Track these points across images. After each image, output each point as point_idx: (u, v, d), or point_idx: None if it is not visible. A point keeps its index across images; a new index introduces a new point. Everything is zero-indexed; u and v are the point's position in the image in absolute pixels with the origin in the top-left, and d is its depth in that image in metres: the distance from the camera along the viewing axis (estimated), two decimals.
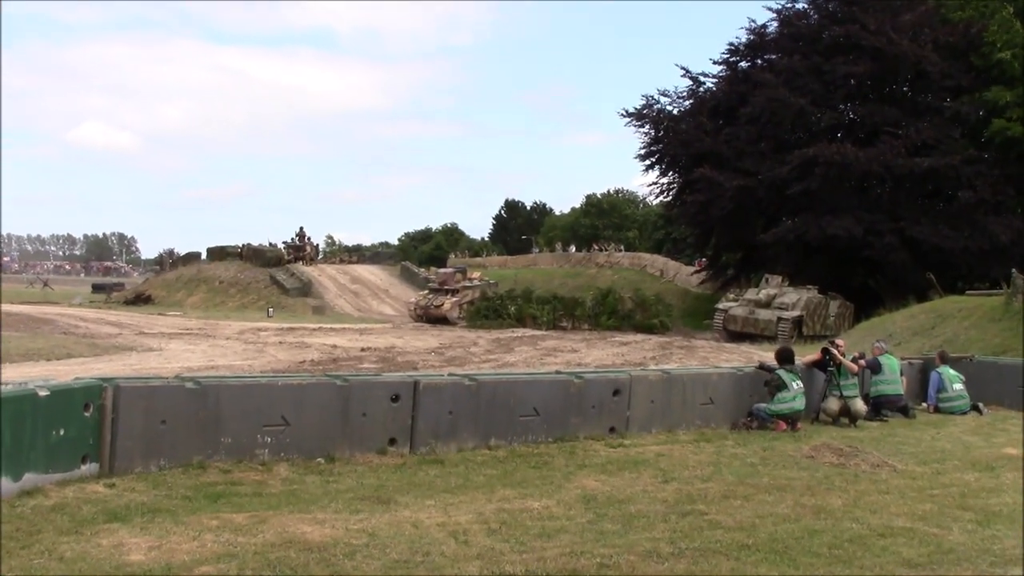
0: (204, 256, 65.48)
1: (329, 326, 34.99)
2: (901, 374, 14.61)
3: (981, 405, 14.94)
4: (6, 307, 38.66)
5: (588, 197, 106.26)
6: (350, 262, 66.78)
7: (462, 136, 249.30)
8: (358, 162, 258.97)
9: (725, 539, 6.49)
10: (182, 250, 70.80)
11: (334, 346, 24.93)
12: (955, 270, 37.98)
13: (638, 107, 47.45)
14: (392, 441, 9.28)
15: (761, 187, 39.79)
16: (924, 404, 15.23)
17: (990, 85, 34.46)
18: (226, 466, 8.18)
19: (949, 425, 13.45)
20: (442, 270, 48.67)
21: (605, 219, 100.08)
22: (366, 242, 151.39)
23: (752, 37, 45.18)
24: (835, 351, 13.47)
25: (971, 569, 6.11)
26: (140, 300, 53.61)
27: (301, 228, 63.17)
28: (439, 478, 8.37)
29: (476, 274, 46.65)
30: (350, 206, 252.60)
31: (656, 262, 61.85)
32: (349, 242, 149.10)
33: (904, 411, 14.27)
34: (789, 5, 44.19)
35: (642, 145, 47.89)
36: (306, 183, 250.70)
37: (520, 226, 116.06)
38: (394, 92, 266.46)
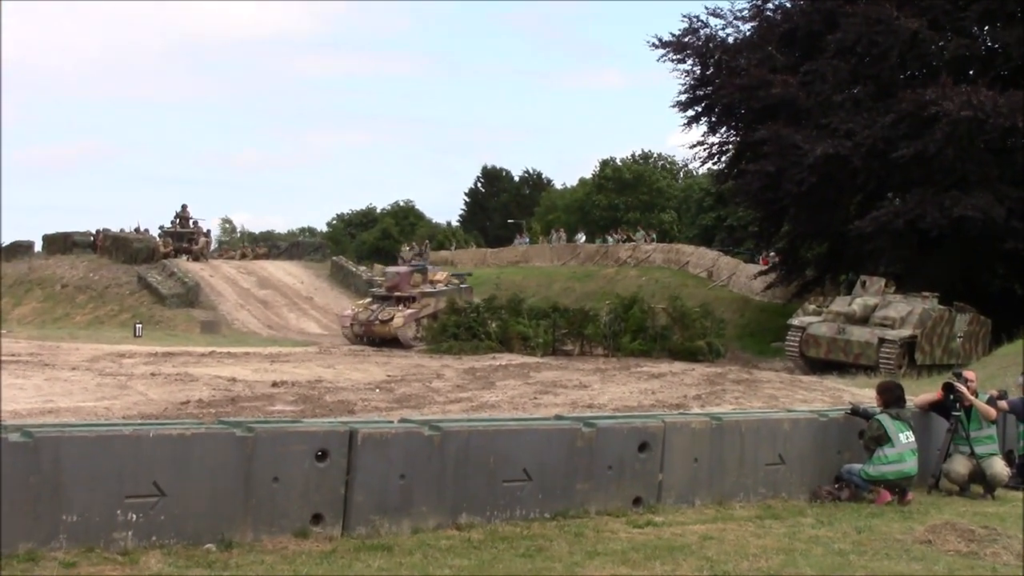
0: (39, 247, 65.28)
1: (226, 350, 34.83)
2: None
3: None
4: None
5: (603, 164, 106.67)
6: (257, 257, 66.63)
7: (420, 75, 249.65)
8: (269, 112, 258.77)
9: None
10: (4, 239, 70.48)
11: (232, 379, 24.79)
12: None
13: (677, 33, 47.65)
14: (317, 518, 9.21)
15: (856, 151, 39.84)
16: None
17: None
18: (70, 557, 8.08)
19: None
20: (392, 269, 48.55)
21: (628, 195, 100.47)
22: (280, 228, 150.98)
23: None
24: (963, 388, 13.47)
25: None
26: None
27: (184, 207, 62.99)
28: (386, 572, 8.31)
29: (442, 275, 46.63)
30: (257, 176, 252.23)
31: (702, 258, 62.06)
32: (256, 228, 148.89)
33: None
34: None
35: (682, 89, 48.08)
36: (192, 142, 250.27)
37: (504, 206, 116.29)
38: (321, 12, 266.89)
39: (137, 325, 44.56)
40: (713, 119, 48.54)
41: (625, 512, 10.70)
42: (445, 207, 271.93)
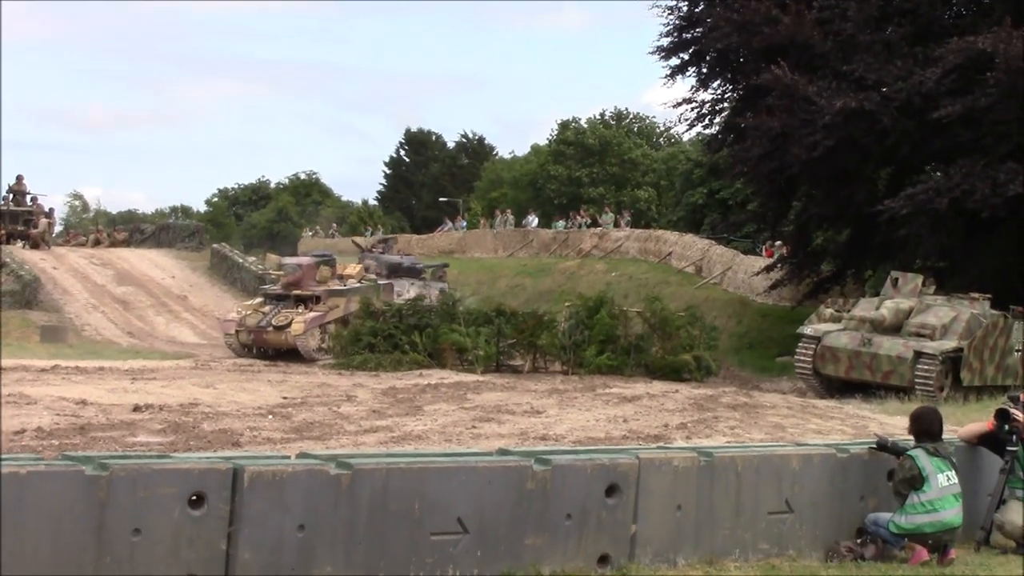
0: None
1: (73, 364, 34.58)
2: None
3: None
4: None
5: (563, 127, 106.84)
6: (115, 244, 66.36)
7: (321, 10, 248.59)
8: (125, 56, 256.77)
9: None
10: None
11: (82, 402, 24.61)
12: None
13: None
14: None
15: (886, 107, 39.92)
16: None
17: None
18: None
19: None
20: (291, 260, 48.31)
21: (594, 167, 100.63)
22: (144, 207, 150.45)
23: None
24: (1021, 416, 13.55)
25: None
26: None
27: (19, 179, 62.59)
28: None
29: (354, 267, 46.52)
30: (113, 139, 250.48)
31: (689, 248, 62.18)
32: (113, 207, 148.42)
33: None
34: None
35: (664, 31, 48.09)
36: (26, 94, 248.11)
37: (435, 179, 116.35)
38: None
39: None
40: (704, 69, 48.42)
41: (588, 573, 10.73)
42: (359, 181, 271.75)
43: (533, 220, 78.35)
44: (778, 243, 54.92)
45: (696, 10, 47.03)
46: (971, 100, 37.42)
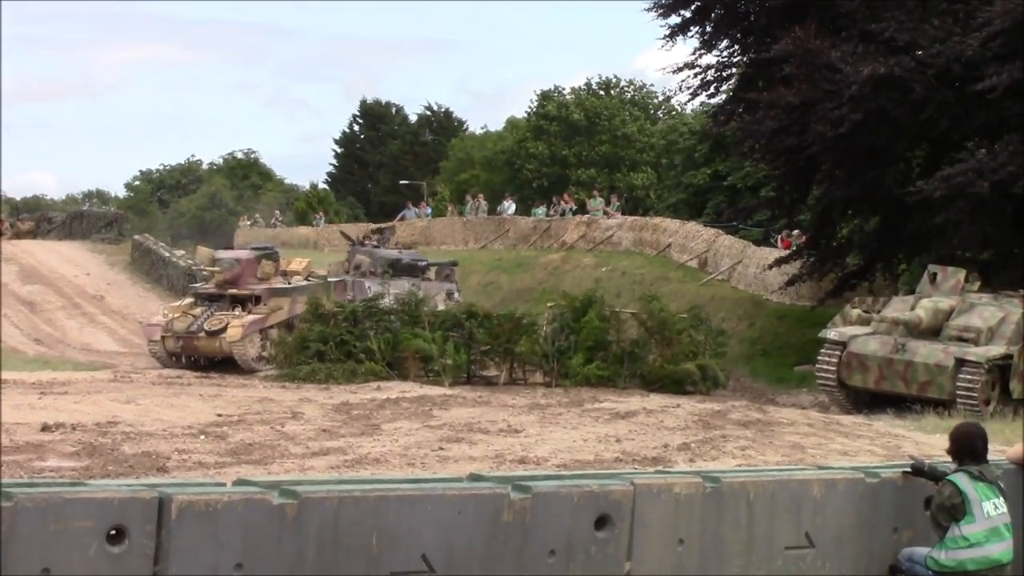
0: None
1: None
2: None
3: None
4: None
5: (544, 97, 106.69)
6: (19, 235, 66.34)
7: None
8: (28, 15, 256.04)
9: None
10: None
11: None
12: None
13: None
14: None
15: (921, 75, 39.96)
16: None
17: None
18: None
19: None
20: (227, 254, 48.17)
21: (580, 145, 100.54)
22: (54, 193, 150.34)
23: None
24: None
25: None
26: None
27: None
28: None
29: (300, 262, 46.46)
30: (15, 114, 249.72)
31: (692, 238, 62.29)
32: (16, 192, 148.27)
33: None
34: None
35: None
36: None
37: (395, 159, 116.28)
38: None
39: None
40: (708, 28, 48.48)
41: None
42: (305, 162, 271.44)
43: (510, 206, 78.12)
44: (796, 232, 54.92)
45: None
46: (1020, 69, 37.43)
